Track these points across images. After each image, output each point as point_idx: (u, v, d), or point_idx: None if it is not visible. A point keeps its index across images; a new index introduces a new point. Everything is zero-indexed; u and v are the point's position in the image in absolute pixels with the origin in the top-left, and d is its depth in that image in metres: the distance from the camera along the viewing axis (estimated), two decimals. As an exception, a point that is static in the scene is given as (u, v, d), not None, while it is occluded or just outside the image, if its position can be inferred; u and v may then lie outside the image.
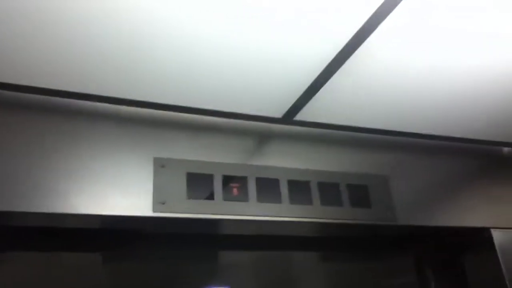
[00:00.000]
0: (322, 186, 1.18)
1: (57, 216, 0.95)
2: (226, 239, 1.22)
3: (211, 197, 1.06)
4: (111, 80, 0.97)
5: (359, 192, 1.21)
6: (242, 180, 1.11)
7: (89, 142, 1.02)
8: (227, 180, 1.10)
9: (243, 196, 1.10)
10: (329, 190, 1.18)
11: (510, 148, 1.47)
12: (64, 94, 1.00)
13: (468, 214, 1.31)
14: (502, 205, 1.37)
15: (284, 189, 1.14)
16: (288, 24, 0.84)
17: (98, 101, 1.04)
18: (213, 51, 0.90)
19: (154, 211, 1.00)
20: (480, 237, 1.31)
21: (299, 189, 1.16)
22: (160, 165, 1.05)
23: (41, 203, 0.93)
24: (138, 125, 1.08)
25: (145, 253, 1.16)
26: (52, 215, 0.94)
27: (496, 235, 1.29)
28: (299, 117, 1.16)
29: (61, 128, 1.01)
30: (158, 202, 1.00)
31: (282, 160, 1.18)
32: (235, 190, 1.09)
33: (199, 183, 1.07)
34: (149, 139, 1.07)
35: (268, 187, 1.13)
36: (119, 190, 1.00)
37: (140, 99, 1.04)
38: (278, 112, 1.14)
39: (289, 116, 1.16)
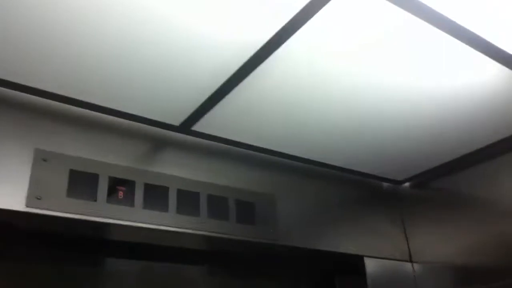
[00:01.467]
0: (211, 198, 1.18)
1: None
2: (108, 244, 1.17)
3: (94, 198, 1.02)
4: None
5: (246, 209, 1.23)
6: (129, 184, 1.08)
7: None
8: (114, 183, 1.06)
9: (129, 201, 1.06)
10: (217, 203, 1.19)
11: (388, 184, 1.59)
12: None
13: (345, 241, 1.39)
14: (376, 235, 1.46)
15: (172, 198, 1.12)
16: (200, 21, 0.83)
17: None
18: (113, 45, 0.87)
19: (27, 205, 0.93)
20: (353, 263, 1.39)
21: (188, 199, 1.15)
22: (41, 157, 0.98)
23: None
24: (22, 111, 1.01)
25: (19, 251, 1.07)
26: None
27: (368, 263, 1.38)
28: (196, 127, 1.16)
29: None
30: (33, 197, 0.94)
31: (174, 169, 1.17)
32: (120, 194, 1.06)
33: (82, 182, 1.02)
34: (32, 129, 1.00)
35: (156, 195, 1.11)
36: (-8, 180, 0.92)
37: (28, 84, 0.97)
38: (175, 120, 1.13)
39: (186, 126, 1.15)
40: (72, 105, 1.05)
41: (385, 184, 1.60)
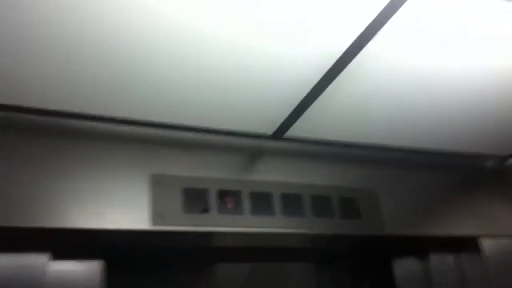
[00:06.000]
0: (314, 199, 1.23)
1: (59, 231, 1.00)
2: (221, 251, 1.26)
3: (206, 210, 1.12)
4: (107, 100, 1.01)
5: (349, 205, 1.26)
6: (236, 194, 1.16)
7: (89, 161, 1.07)
8: (222, 195, 1.15)
9: (237, 210, 1.15)
10: (320, 203, 1.23)
11: (493, 161, 1.53)
12: (62, 114, 1.04)
13: (457, 224, 1.37)
14: (489, 214, 1.42)
15: (277, 202, 1.19)
16: (280, 39, 0.88)
17: (95, 120, 1.08)
18: (206, 70, 0.95)
19: (153, 224, 1.04)
20: (469, 246, 1.36)
21: (292, 202, 1.21)
22: (157, 181, 1.10)
23: (43, 219, 0.97)
24: (134, 143, 1.13)
25: (145, 266, 1.21)
26: (54, 230, 0.99)
27: (485, 243, 1.35)
28: (289, 134, 1.21)
29: (62, 148, 1.06)
30: (157, 216, 1.06)
31: (274, 175, 1.24)
32: (229, 204, 1.15)
33: (194, 198, 1.12)
34: (145, 157, 1.12)
35: (262, 201, 1.18)
36: (119, 206, 1.05)
37: (136, 118, 1.09)
38: (268, 129, 1.20)
39: (279, 133, 1.21)
40: (178, 130, 1.16)
41: (489, 161, 1.54)
